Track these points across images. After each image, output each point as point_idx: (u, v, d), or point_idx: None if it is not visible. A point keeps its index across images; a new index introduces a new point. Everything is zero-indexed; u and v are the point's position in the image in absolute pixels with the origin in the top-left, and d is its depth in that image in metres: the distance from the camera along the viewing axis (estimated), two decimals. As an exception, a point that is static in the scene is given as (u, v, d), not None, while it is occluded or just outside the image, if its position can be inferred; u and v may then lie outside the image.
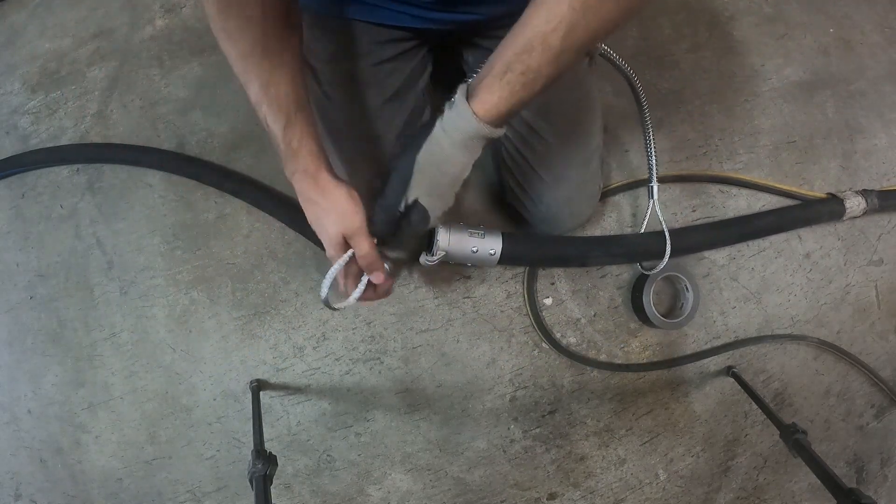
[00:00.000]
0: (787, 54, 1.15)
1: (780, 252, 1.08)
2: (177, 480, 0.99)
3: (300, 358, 0.99)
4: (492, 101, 0.53)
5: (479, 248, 0.85)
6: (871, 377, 1.11)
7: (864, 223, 1.11)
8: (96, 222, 1.01)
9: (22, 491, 1.00)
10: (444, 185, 0.61)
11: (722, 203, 1.07)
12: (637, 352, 1.05)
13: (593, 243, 0.99)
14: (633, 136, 1.06)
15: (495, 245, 0.86)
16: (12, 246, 1.02)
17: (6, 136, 1.05)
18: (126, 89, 1.04)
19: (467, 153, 0.58)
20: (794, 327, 1.09)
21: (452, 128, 0.56)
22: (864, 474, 1.12)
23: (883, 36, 1.20)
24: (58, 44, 1.07)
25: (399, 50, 0.76)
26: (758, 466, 1.08)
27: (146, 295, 0.99)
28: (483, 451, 1.02)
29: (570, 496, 1.04)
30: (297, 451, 1.00)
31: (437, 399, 1.01)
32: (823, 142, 1.12)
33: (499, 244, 0.86)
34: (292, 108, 0.60)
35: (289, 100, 0.59)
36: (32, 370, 1.00)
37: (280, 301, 0.99)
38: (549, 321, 1.03)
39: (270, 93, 0.58)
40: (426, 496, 1.01)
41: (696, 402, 1.07)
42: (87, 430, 0.99)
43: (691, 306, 1.01)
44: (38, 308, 1.00)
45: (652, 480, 1.06)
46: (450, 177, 0.60)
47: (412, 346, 1.00)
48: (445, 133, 0.57)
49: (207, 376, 0.99)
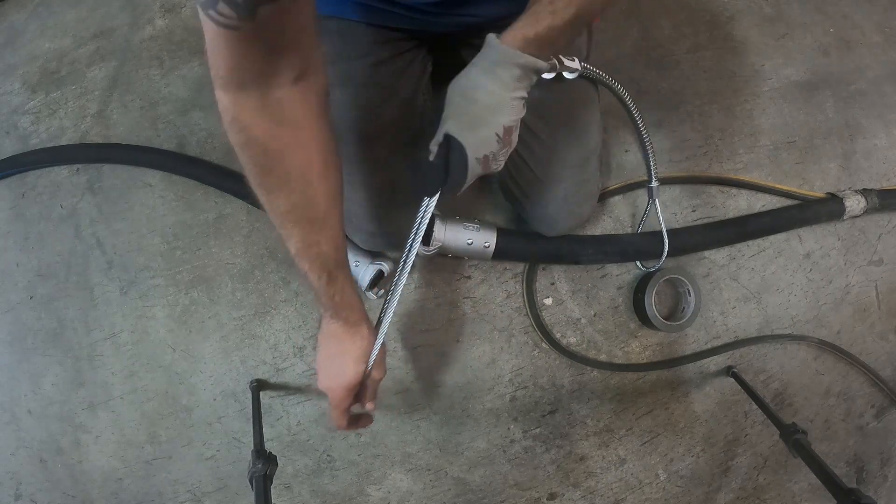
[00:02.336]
0: (787, 54, 1.15)
1: (780, 252, 1.08)
2: (177, 480, 0.99)
3: (300, 358, 0.99)
4: (516, 27, 0.53)
5: (475, 240, 0.86)
6: (871, 377, 1.10)
7: (864, 223, 1.11)
8: (96, 222, 1.01)
9: (22, 491, 1.00)
10: (474, 114, 0.56)
11: (722, 203, 1.07)
12: (637, 352, 1.05)
13: (588, 241, 0.99)
14: (634, 136, 1.06)
15: (490, 238, 0.87)
16: (12, 246, 1.02)
17: (6, 136, 1.05)
18: (126, 89, 1.04)
19: (497, 81, 0.55)
20: (794, 327, 1.09)
21: (479, 57, 0.56)
22: (864, 474, 1.12)
23: (883, 36, 1.20)
24: (58, 44, 1.07)
25: (398, 50, 0.76)
26: (758, 466, 1.08)
27: (146, 295, 0.99)
28: (483, 451, 1.02)
29: (570, 496, 1.04)
30: (297, 451, 1.00)
31: (437, 399, 1.01)
32: (823, 142, 1.12)
33: (493, 238, 0.87)
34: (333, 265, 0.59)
35: (330, 259, 0.58)
36: (32, 370, 1.00)
37: (280, 301, 0.99)
38: (549, 321, 1.03)
39: (312, 252, 0.57)
40: (426, 496, 1.01)
41: (696, 402, 1.07)
42: (87, 430, 0.99)
43: (693, 309, 1.01)
44: (38, 308, 1.00)
45: (652, 480, 1.06)
46: (480, 105, 0.56)
47: (412, 346, 1.00)
48: (473, 64, 0.57)
49: (207, 376, 0.99)
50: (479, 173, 0.59)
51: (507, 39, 0.54)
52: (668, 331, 1.01)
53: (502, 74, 0.54)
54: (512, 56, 0.53)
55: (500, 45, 0.53)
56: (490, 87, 0.55)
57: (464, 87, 0.57)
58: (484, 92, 0.56)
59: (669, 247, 0.96)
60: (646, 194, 0.97)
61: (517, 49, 0.53)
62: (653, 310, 0.99)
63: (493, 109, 0.56)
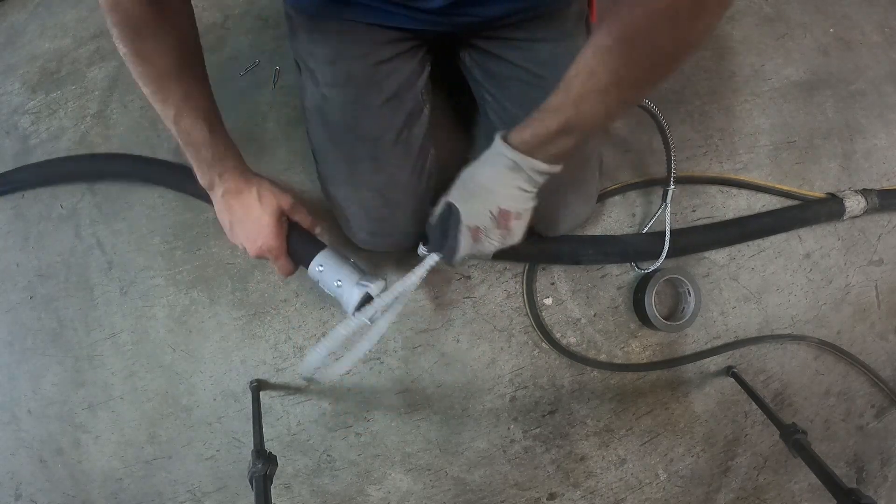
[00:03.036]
0: (787, 54, 1.15)
1: (780, 252, 1.08)
2: (177, 480, 0.99)
3: (300, 358, 0.99)
4: (520, 129, 0.62)
5: None
6: (871, 377, 1.11)
7: (864, 223, 1.11)
8: (96, 222, 1.01)
9: (22, 491, 1.00)
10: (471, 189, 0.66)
11: (722, 203, 1.07)
12: (637, 352, 1.05)
13: (588, 241, 0.99)
14: (634, 136, 1.06)
15: None
16: (12, 246, 1.02)
17: (6, 136, 1.05)
18: (126, 89, 1.04)
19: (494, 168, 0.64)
20: (794, 327, 1.09)
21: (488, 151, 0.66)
22: (864, 474, 1.12)
23: (883, 36, 1.20)
24: (58, 44, 1.07)
25: (397, 51, 0.76)
26: (758, 466, 1.09)
27: (146, 295, 0.99)
28: (483, 451, 1.02)
29: (570, 496, 1.04)
30: (297, 451, 1.00)
31: (437, 399, 1.01)
32: (823, 142, 1.12)
33: None
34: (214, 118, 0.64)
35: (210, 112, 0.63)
36: (32, 370, 1.00)
37: (280, 301, 0.99)
38: (549, 321, 1.03)
39: (191, 104, 0.62)
40: (426, 496, 1.02)
41: (696, 402, 1.07)
42: (87, 430, 0.99)
43: (693, 310, 1.01)
44: (38, 308, 1.00)
45: (652, 480, 1.06)
46: (477, 183, 0.66)
47: (412, 346, 1.00)
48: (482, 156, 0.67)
49: (207, 376, 0.99)
50: (471, 244, 0.67)
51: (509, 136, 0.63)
52: (668, 331, 1.01)
53: (498, 163, 0.64)
54: (504, 150, 0.63)
55: (498, 140, 0.64)
56: (489, 172, 0.65)
57: (470, 171, 0.68)
58: (483, 175, 0.66)
59: (669, 247, 0.96)
60: (644, 195, 0.97)
61: (512, 146, 0.62)
62: (653, 310, 0.99)
63: (489, 189, 0.65)
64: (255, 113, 1.02)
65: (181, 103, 0.61)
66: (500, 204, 0.65)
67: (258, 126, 1.01)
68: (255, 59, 1.03)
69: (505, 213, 0.66)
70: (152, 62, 0.58)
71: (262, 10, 1.05)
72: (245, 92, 1.02)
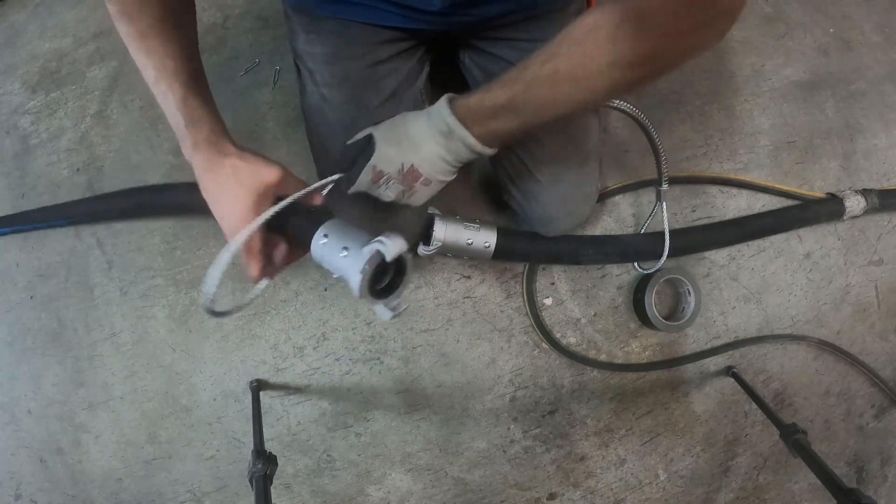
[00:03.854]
0: (787, 54, 1.15)
1: (780, 252, 1.08)
2: (177, 480, 0.99)
3: (300, 358, 0.99)
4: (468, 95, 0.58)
5: (475, 240, 0.86)
6: (871, 377, 1.10)
7: (864, 223, 1.11)
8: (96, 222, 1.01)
9: (22, 491, 1.00)
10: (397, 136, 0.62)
11: (722, 203, 1.07)
12: (637, 352, 1.05)
13: (588, 241, 0.99)
14: (634, 135, 1.06)
15: (490, 238, 0.87)
16: (12, 246, 1.02)
17: (6, 136, 1.05)
18: (126, 89, 1.04)
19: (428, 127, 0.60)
20: (794, 327, 1.09)
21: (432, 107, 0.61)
22: (864, 474, 1.12)
23: (883, 36, 1.20)
24: (58, 44, 1.07)
25: (396, 51, 0.76)
26: (758, 466, 1.08)
27: (146, 295, 0.99)
28: (483, 451, 1.02)
29: (570, 496, 1.04)
30: (297, 451, 1.00)
31: (437, 399, 1.01)
32: (823, 142, 1.12)
33: (493, 237, 0.87)
34: (191, 79, 0.58)
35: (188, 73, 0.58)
36: (32, 370, 1.00)
37: (280, 301, 0.99)
38: (549, 321, 1.03)
39: (168, 65, 0.57)
40: (426, 496, 1.01)
41: (696, 402, 1.07)
42: (87, 430, 0.99)
43: (693, 310, 1.01)
44: (38, 308, 1.00)
45: (652, 480, 1.06)
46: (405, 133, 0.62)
47: (412, 346, 1.00)
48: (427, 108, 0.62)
49: (207, 376, 0.99)
50: (368, 184, 0.63)
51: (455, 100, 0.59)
52: (668, 331, 1.01)
53: (433, 122, 0.60)
54: (444, 113, 0.59)
55: (443, 101, 0.60)
56: (421, 127, 0.61)
57: (407, 117, 0.63)
58: (414, 127, 0.62)
59: (670, 247, 0.96)
60: (645, 194, 0.97)
61: (453, 111, 0.58)
62: (653, 310, 0.99)
63: (412, 143, 0.61)
64: (255, 113, 1.02)
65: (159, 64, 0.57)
66: (414, 162, 0.61)
67: (258, 126, 1.01)
68: (255, 59, 1.03)
69: (414, 171, 0.62)
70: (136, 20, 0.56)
71: (262, 10, 1.05)
72: (245, 92, 1.02)
